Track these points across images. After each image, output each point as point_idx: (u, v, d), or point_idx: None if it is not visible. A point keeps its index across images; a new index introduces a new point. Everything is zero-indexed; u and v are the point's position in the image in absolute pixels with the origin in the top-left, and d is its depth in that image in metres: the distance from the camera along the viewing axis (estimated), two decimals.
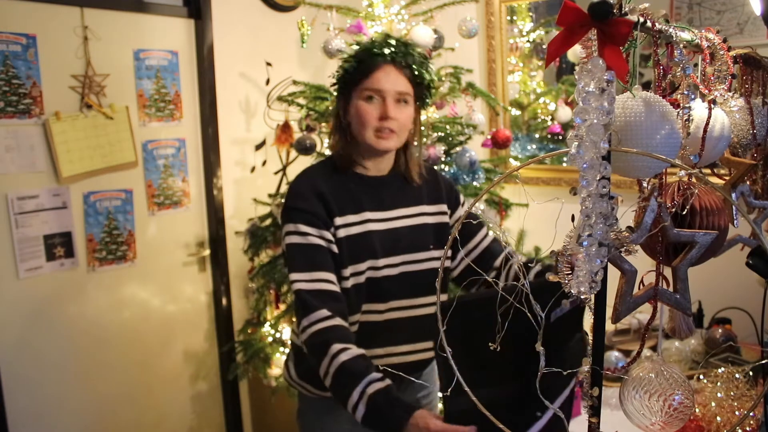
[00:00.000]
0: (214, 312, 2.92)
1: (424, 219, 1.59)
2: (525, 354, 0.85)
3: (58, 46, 2.34)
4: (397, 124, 1.48)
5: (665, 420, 0.83)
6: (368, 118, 1.47)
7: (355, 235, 1.50)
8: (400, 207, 1.57)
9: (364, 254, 1.50)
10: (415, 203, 1.59)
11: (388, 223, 1.56)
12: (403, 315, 1.57)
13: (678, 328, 0.98)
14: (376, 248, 1.51)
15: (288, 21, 3.04)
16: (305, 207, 1.47)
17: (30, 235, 2.29)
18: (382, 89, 1.47)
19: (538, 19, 2.92)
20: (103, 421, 2.55)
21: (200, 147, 2.81)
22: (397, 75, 1.48)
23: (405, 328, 1.57)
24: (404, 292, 1.56)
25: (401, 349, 1.58)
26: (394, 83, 1.47)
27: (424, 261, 1.57)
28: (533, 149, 2.99)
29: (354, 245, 1.49)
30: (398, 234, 1.55)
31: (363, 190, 1.55)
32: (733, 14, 2.36)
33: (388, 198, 1.57)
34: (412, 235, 1.56)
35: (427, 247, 1.57)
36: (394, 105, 1.47)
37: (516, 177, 2.64)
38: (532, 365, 0.79)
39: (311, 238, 1.45)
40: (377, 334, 1.55)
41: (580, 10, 0.68)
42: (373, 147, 1.50)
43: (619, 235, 0.75)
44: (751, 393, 1.53)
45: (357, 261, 1.49)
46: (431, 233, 1.59)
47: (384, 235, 1.54)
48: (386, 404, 1.23)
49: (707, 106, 0.93)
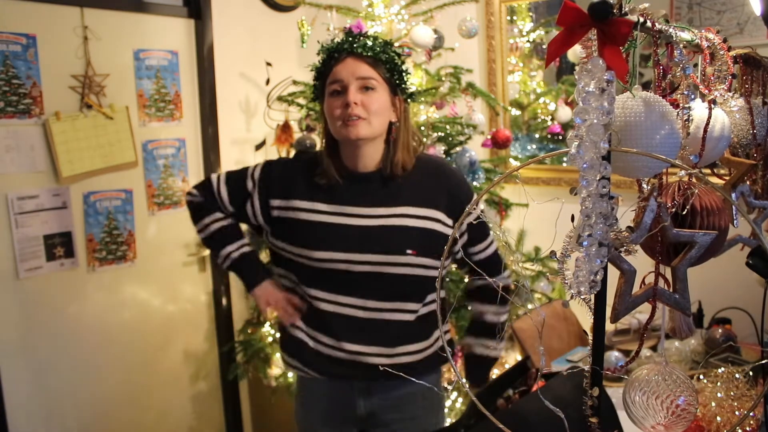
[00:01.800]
0: (214, 312, 2.92)
1: (404, 221, 1.52)
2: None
3: (58, 46, 2.34)
4: (363, 109, 1.46)
5: (668, 422, 0.83)
6: (333, 111, 1.49)
7: (287, 218, 1.56)
8: (377, 206, 1.53)
9: (299, 240, 1.55)
10: (398, 204, 1.53)
11: (356, 219, 1.52)
12: (364, 315, 1.54)
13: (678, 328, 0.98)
14: (309, 239, 1.53)
15: (288, 21, 3.03)
16: (265, 170, 1.63)
17: (30, 235, 2.29)
18: (342, 79, 1.48)
19: (538, 19, 2.92)
20: (103, 420, 2.55)
21: (200, 147, 2.81)
22: (356, 63, 1.48)
23: (364, 329, 1.54)
24: (368, 292, 1.53)
25: (355, 348, 1.55)
26: (353, 70, 1.47)
27: (398, 265, 1.51)
28: (533, 149, 2.99)
29: (285, 227, 1.57)
30: (368, 232, 1.51)
31: (343, 184, 1.54)
32: (733, 14, 2.36)
33: (366, 194, 1.54)
34: (385, 236, 1.51)
35: (403, 251, 1.50)
36: (357, 91, 1.47)
37: (516, 177, 2.64)
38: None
39: (247, 181, 1.63)
40: (328, 323, 1.56)
41: (580, 10, 0.68)
42: (344, 137, 1.49)
43: (619, 235, 0.75)
44: (751, 393, 1.53)
45: (289, 242, 1.57)
46: (412, 237, 1.51)
47: (342, 229, 1.51)
48: (248, 263, 1.68)
49: (707, 106, 0.93)
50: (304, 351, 1.61)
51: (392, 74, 1.52)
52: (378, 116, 1.48)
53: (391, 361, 1.55)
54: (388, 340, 1.55)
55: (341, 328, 1.55)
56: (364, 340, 1.55)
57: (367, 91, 1.48)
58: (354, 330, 1.55)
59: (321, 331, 1.58)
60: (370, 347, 1.55)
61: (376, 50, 1.49)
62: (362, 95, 1.47)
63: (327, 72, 1.52)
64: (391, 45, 1.54)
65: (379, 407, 1.62)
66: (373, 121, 1.47)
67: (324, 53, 1.54)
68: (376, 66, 1.49)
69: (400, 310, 1.55)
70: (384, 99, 1.50)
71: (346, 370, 1.57)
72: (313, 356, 1.60)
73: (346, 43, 1.50)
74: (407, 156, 1.56)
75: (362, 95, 1.47)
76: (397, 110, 1.54)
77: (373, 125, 1.48)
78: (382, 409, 1.62)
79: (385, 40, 1.54)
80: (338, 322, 1.55)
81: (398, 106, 1.55)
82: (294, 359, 1.65)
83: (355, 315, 1.54)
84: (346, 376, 1.59)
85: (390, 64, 1.51)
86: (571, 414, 0.80)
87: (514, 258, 2.53)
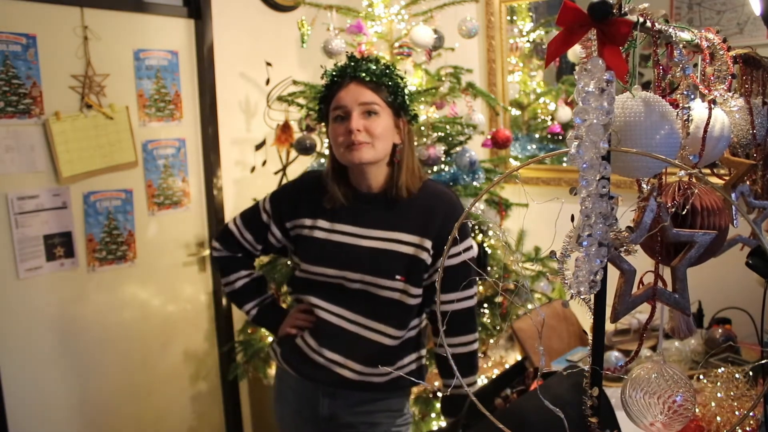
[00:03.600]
0: (214, 312, 2.92)
1: (398, 247, 1.54)
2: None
3: (58, 46, 2.34)
4: (367, 134, 1.49)
5: (666, 420, 0.83)
6: (338, 137, 1.52)
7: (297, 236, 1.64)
8: (375, 228, 1.56)
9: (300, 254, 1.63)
10: (394, 229, 1.55)
11: (352, 239, 1.56)
12: (351, 328, 1.59)
13: (678, 327, 0.98)
14: (308, 254, 1.60)
15: (288, 21, 3.03)
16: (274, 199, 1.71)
17: (30, 235, 2.29)
18: (345, 105, 1.50)
19: (538, 19, 2.92)
20: (103, 420, 2.55)
21: (200, 147, 2.81)
22: (358, 88, 1.50)
23: (346, 341, 1.59)
24: (360, 308, 1.58)
25: (333, 357, 1.59)
26: (356, 96, 1.50)
27: (386, 289, 1.55)
28: (533, 149, 2.99)
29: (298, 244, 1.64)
30: (361, 252, 1.55)
31: (347, 203, 1.58)
32: (733, 14, 2.36)
33: (365, 215, 1.57)
34: (377, 258, 1.54)
35: (392, 275, 1.54)
36: (360, 116, 1.49)
37: (516, 177, 2.64)
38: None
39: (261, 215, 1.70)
40: (318, 328, 1.62)
41: (579, 10, 0.68)
42: (348, 161, 1.52)
43: (619, 235, 0.75)
44: (751, 393, 1.53)
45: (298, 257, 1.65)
46: (401, 263, 1.54)
47: (336, 247, 1.57)
48: (267, 316, 1.78)
49: (707, 106, 0.93)
50: (288, 345, 1.68)
51: (395, 97, 1.54)
52: (381, 140, 1.51)
53: (362, 378, 1.59)
54: (365, 358, 1.58)
55: (327, 334, 1.60)
56: (343, 352, 1.59)
57: (370, 116, 1.50)
58: (337, 339, 1.60)
59: (310, 333, 1.64)
60: (346, 360, 1.59)
61: (378, 75, 1.51)
62: (365, 120, 1.49)
63: (330, 97, 1.54)
64: (394, 69, 1.56)
65: (341, 410, 1.66)
66: (377, 144, 1.50)
67: (328, 78, 1.56)
68: (378, 90, 1.51)
69: (383, 333, 1.58)
70: (387, 122, 1.52)
71: (318, 375, 1.62)
72: (293, 353, 1.66)
73: (348, 68, 1.52)
74: (411, 179, 1.57)
75: (365, 120, 1.49)
76: (401, 132, 1.57)
77: (377, 149, 1.51)
78: (344, 412, 1.66)
79: (386, 64, 1.56)
80: (326, 329, 1.61)
81: (402, 128, 1.57)
82: (279, 347, 1.73)
83: (343, 326, 1.60)
84: (316, 379, 1.64)
85: (392, 87, 1.53)
86: (569, 413, 0.80)
87: (514, 258, 2.53)
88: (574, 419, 0.80)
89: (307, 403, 1.69)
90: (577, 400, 0.82)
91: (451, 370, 1.71)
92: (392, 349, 1.61)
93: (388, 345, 1.59)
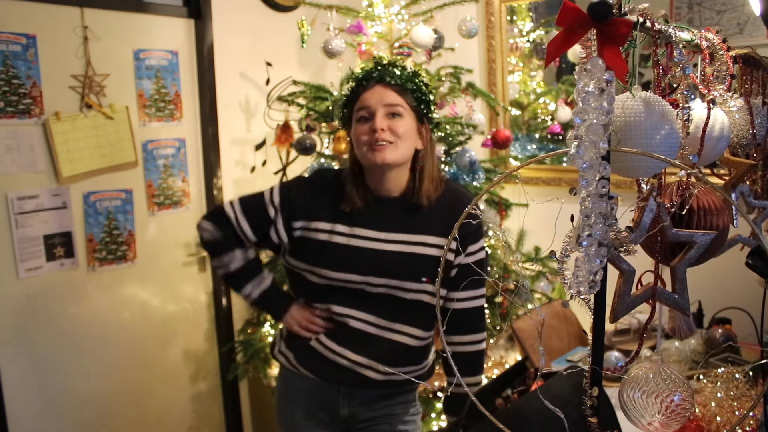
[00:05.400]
0: (214, 312, 2.92)
1: (424, 249, 1.54)
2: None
3: (58, 46, 2.34)
4: (391, 134, 1.49)
5: (664, 420, 0.83)
6: (361, 136, 1.51)
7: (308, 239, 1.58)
8: (398, 232, 1.55)
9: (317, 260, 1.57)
10: (418, 232, 1.55)
11: (373, 243, 1.54)
12: (374, 332, 1.58)
13: (678, 327, 0.98)
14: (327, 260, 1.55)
15: (288, 21, 3.03)
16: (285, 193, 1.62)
17: (30, 235, 2.29)
18: (370, 105, 1.51)
19: (538, 19, 2.92)
20: (104, 420, 2.55)
21: (200, 147, 2.81)
22: (383, 90, 1.51)
23: (371, 344, 1.58)
24: (382, 311, 1.57)
25: (358, 359, 1.58)
26: (381, 97, 1.51)
27: (411, 291, 1.55)
28: (533, 149, 2.99)
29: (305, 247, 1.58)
30: (384, 256, 1.54)
31: (365, 206, 1.56)
32: (733, 14, 2.36)
33: (387, 219, 1.56)
34: (401, 262, 1.54)
35: (418, 278, 1.54)
36: (384, 117, 1.50)
37: (516, 177, 2.64)
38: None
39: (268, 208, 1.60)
40: (338, 330, 1.59)
41: (579, 10, 0.68)
42: (371, 162, 1.51)
43: (619, 235, 0.75)
44: (751, 393, 1.53)
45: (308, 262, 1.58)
46: (429, 266, 1.54)
47: (358, 252, 1.54)
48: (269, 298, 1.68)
49: (707, 106, 0.93)
50: (303, 348, 1.64)
51: (419, 103, 1.54)
52: (404, 141, 1.51)
53: (387, 378, 1.59)
54: (389, 359, 1.57)
55: (349, 337, 1.58)
56: (368, 354, 1.58)
57: (394, 117, 1.51)
58: (360, 342, 1.58)
59: (328, 335, 1.61)
60: (371, 362, 1.58)
61: (403, 79, 1.52)
62: (389, 121, 1.50)
63: (355, 99, 1.55)
64: (419, 75, 1.57)
65: (360, 407, 1.66)
66: (400, 145, 1.50)
67: (353, 81, 1.57)
68: (403, 94, 1.52)
69: (407, 333, 1.59)
70: (410, 125, 1.52)
71: (340, 376, 1.60)
72: (311, 357, 1.62)
73: (375, 72, 1.53)
74: (432, 186, 1.57)
75: (389, 121, 1.50)
76: (424, 138, 1.57)
77: (400, 150, 1.50)
78: (363, 409, 1.66)
79: (414, 71, 1.57)
80: (348, 332, 1.58)
81: (425, 135, 1.57)
82: (290, 351, 1.67)
83: (365, 330, 1.58)
84: (338, 381, 1.62)
85: (417, 92, 1.54)
86: (570, 413, 0.80)
87: (514, 258, 2.53)
88: (574, 419, 0.80)
89: (324, 405, 1.67)
90: (578, 401, 0.82)
91: (449, 369, 1.71)
92: (418, 350, 1.62)
93: (415, 346, 1.60)
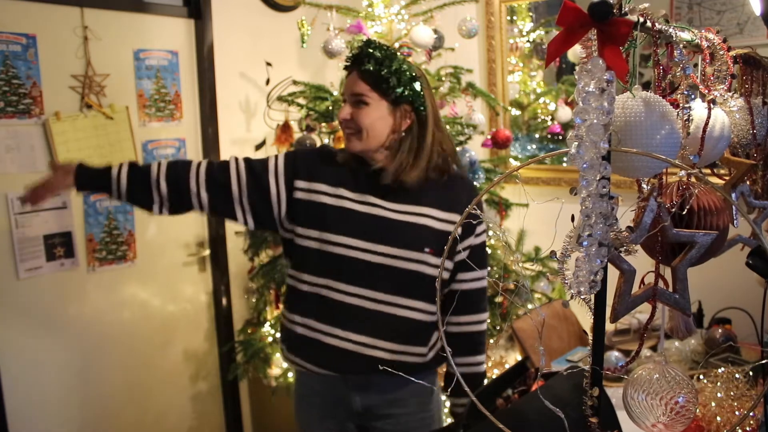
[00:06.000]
0: (214, 312, 2.92)
1: (426, 221, 1.56)
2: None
3: (58, 46, 2.34)
4: (353, 124, 1.53)
5: (668, 421, 0.83)
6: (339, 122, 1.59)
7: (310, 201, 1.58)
8: (401, 203, 1.56)
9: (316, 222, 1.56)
10: (420, 203, 1.57)
11: (381, 210, 1.55)
12: (373, 307, 1.54)
13: (677, 327, 0.98)
14: (331, 222, 1.54)
15: (288, 21, 3.03)
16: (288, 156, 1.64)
17: (30, 235, 2.29)
18: (344, 93, 1.57)
19: (538, 19, 2.92)
20: (103, 420, 2.55)
21: (200, 147, 2.81)
22: (354, 79, 1.55)
23: (371, 321, 1.54)
24: (378, 284, 1.54)
25: (360, 339, 1.54)
26: (351, 86, 1.55)
27: (414, 261, 1.54)
28: (533, 149, 2.99)
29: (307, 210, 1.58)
30: (390, 224, 1.54)
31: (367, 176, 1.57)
32: (733, 14, 2.36)
33: (389, 189, 1.56)
34: (406, 231, 1.54)
35: (421, 248, 1.54)
36: (349, 107, 1.54)
37: (516, 177, 2.64)
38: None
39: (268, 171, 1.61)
40: (336, 313, 1.56)
41: (580, 10, 0.68)
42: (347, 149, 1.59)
43: (619, 235, 0.75)
44: (751, 393, 1.53)
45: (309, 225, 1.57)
46: (431, 237, 1.55)
47: (365, 218, 1.54)
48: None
49: (707, 106, 0.93)
50: (306, 344, 1.61)
51: (394, 87, 1.52)
52: (372, 130, 1.53)
53: (395, 357, 1.55)
54: (394, 335, 1.55)
55: (348, 317, 1.55)
56: (370, 332, 1.55)
57: (359, 105, 1.53)
58: (361, 320, 1.55)
59: (327, 322, 1.57)
60: (375, 340, 1.55)
61: (377, 65, 1.52)
62: (354, 110, 1.54)
63: None
64: (394, 57, 1.54)
65: (375, 403, 1.63)
66: (367, 136, 1.53)
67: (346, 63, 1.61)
68: (371, 79, 1.52)
69: (408, 306, 1.56)
70: (378, 113, 1.53)
71: (348, 363, 1.57)
72: (316, 348, 1.59)
73: (356, 58, 1.55)
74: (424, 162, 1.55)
75: (354, 110, 1.54)
76: (401, 120, 1.55)
77: (367, 139, 1.53)
78: (378, 405, 1.64)
79: (390, 53, 1.54)
80: (346, 312, 1.55)
81: (401, 116, 1.55)
82: (294, 354, 1.65)
83: (363, 305, 1.55)
84: (345, 369, 1.59)
85: (392, 77, 1.52)
86: (570, 414, 0.80)
87: (514, 258, 2.53)
88: (574, 420, 0.80)
89: (338, 403, 1.65)
90: (578, 401, 0.82)
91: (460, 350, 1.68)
92: (424, 326, 1.59)
93: (421, 320, 1.57)
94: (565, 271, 0.74)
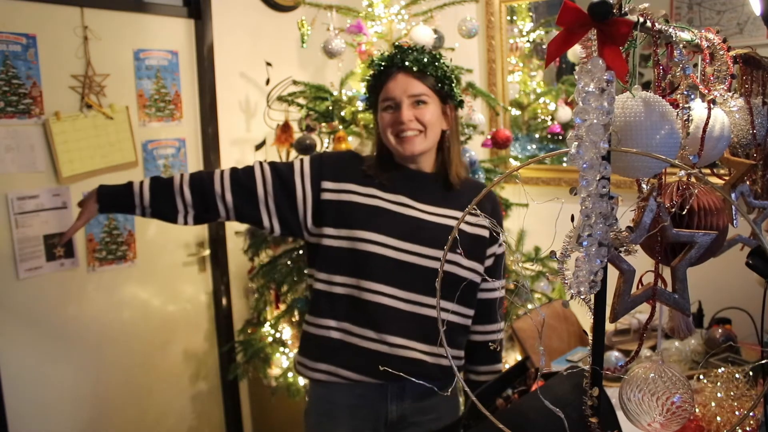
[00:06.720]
0: (214, 312, 2.92)
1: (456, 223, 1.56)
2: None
3: (58, 46, 2.34)
4: (417, 124, 1.53)
5: (664, 420, 0.83)
6: (387, 127, 1.55)
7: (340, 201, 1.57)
8: (433, 205, 1.57)
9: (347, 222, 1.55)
10: (452, 207, 1.57)
11: (413, 211, 1.55)
12: (406, 307, 1.52)
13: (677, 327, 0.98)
14: (363, 220, 1.54)
15: (288, 21, 3.03)
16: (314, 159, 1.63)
17: (30, 235, 2.29)
18: (394, 96, 1.53)
19: (538, 19, 2.92)
20: (103, 420, 2.55)
21: (200, 147, 2.81)
22: (407, 79, 1.53)
23: (405, 322, 1.52)
24: (412, 285, 1.52)
25: (396, 341, 1.51)
26: (405, 88, 1.52)
27: (446, 262, 1.51)
28: (533, 149, 2.99)
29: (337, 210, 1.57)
30: (423, 224, 1.54)
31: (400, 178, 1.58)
32: (733, 14, 2.36)
33: (422, 191, 1.57)
34: (439, 232, 1.54)
35: (453, 249, 1.54)
36: (410, 108, 1.52)
37: (516, 177, 2.64)
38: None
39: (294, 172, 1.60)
40: (370, 315, 1.52)
41: (580, 10, 0.68)
42: (400, 153, 1.55)
43: (619, 235, 0.75)
44: (751, 393, 1.53)
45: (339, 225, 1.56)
46: (463, 239, 1.55)
47: (398, 217, 1.54)
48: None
49: (707, 106, 0.93)
50: (343, 349, 1.55)
51: (442, 85, 1.56)
52: (431, 128, 1.54)
53: (434, 360, 1.53)
54: (430, 336, 1.53)
55: (383, 319, 1.52)
56: (406, 333, 1.52)
57: (419, 105, 1.53)
58: (396, 321, 1.52)
59: (361, 324, 1.53)
60: (412, 342, 1.52)
61: (424, 64, 1.53)
62: (415, 110, 1.53)
63: (379, 87, 1.56)
64: (439, 57, 1.57)
65: (409, 410, 1.60)
66: (428, 133, 1.54)
67: (375, 68, 1.58)
68: (425, 80, 1.53)
69: (447, 310, 1.53)
70: (435, 111, 1.55)
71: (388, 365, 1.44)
72: (350, 353, 1.54)
73: (395, 58, 1.54)
74: (460, 164, 1.62)
75: (415, 110, 1.53)
76: (449, 118, 1.60)
77: (428, 138, 1.55)
78: (411, 412, 1.60)
79: (432, 53, 1.57)
80: (380, 313, 1.52)
81: (449, 115, 1.60)
82: (328, 362, 1.57)
83: (397, 306, 1.52)
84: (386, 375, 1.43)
85: (440, 75, 1.55)
86: (570, 414, 0.80)
87: (514, 258, 2.53)
88: (574, 420, 0.80)
89: (370, 415, 1.59)
90: (578, 401, 0.82)
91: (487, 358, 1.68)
92: (459, 328, 1.59)
93: (454, 322, 1.57)
94: (565, 271, 0.74)
